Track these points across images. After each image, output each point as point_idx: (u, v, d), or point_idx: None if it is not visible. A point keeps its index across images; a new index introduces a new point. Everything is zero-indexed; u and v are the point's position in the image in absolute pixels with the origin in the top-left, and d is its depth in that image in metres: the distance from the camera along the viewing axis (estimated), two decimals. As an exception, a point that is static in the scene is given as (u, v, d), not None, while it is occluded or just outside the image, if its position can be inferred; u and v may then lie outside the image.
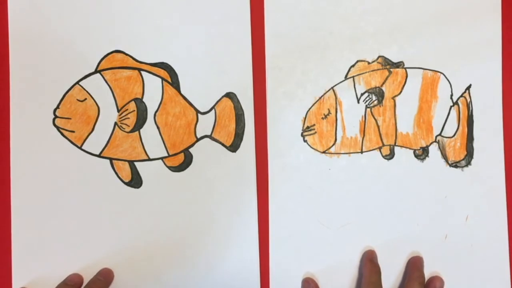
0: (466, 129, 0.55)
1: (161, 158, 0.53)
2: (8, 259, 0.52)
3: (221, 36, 0.54)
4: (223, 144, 0.54)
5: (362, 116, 0.55)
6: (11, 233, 0.52)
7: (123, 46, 0.53)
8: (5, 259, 0.52)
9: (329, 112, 0.55)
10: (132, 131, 0.53)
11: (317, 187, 0.54)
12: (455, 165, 0.55)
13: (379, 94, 0.55)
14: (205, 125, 0.54)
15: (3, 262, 0.52)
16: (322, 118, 0.55)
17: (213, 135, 0.54)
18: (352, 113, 0.55)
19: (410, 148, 0.55)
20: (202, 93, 0.54)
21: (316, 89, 0.55)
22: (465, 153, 0.55)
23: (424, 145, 0.55)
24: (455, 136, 0.55)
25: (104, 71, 0.53)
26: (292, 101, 0.54)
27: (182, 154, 0.54)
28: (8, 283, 0.52)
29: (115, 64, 0.53)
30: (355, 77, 0.55)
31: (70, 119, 0.52)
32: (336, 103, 0.55)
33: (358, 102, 0.55)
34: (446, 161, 0.55)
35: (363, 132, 0.55)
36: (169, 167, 0.53)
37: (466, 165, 0.55)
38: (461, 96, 0.55)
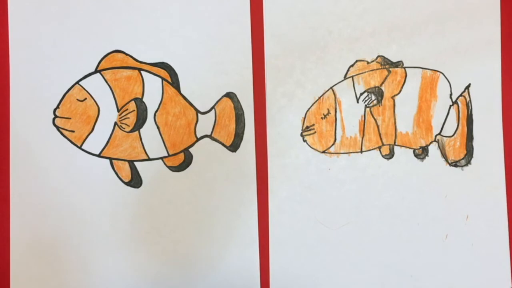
0: (465, 128, 0.55)
1: (161, 158, 0.53)
2: (6, 259, 0.52)
3: (221, 36, 0.54)
4: (223, 144, 0.54)
5: (362, 116, 0.55)
6: (10, 232, 0.52)
7: (123, 46, 0.53)
8: (4, 259, 0.52)
9: (329, 112, 0.55)
10: (132, 131, 0.53)
11: (317, 187, 0.54)
12: (455, 164, 0.55)
13: (378, 93, 0.55)
14: (205, 125, 0.54)
15: (2, 262, 0.52)
16: (322, 118, 0.55)
17: (213, 135, 0.54)
18: (351, 112, 0.55)
19: (410, 148, 0.55)
20: (202, 93, 0.54)
21: (315, 89, 0.55)
22: (465, 152, 0.55)
23: (424, 145, 0.55)
24: (455, 135, 0.55)
25: (104, 71, 0.53)
26: (291, 101, 0.54)
27: (182, 154, 0.54)
28: (6, 283, 0.52)
29: (115, 64, 0.53)
30: (354, 77, 0.55)
31: (70, 119, 0.52)
32: (335, 103, 0.55)
33: (358, 102, 0.55)
34: (446, 160, 0.55)
35: (362, 131, 0.55)
36: (169, 167, 0.53)
37: (466, 164, 0.55)
38: (461, 95, 0.55)
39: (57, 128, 0.53)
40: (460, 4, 0.55)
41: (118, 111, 0.53)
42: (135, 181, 0.53)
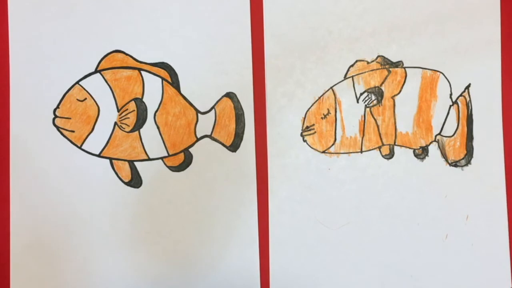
0: (465, 128, 0.55)
1: (161, 158, 0.53)
2: (6, 259, 0.52)
3: (221, 36, 0.54)
4: (223, 144, 0.54)
5: (362, 116, 0.55)
6: (10, 232, 0.52)
7: (123, 46, 0.53)
8: (4, 259, 0.52)
9: (329, 112, 0.55)
10: (132, 131, 0.53)
11: (317, 187, 0.54)
12: (455, 164, 0.55)
13: (378, 93, 0.55)
14: (205, 125, 0.54)
15: (2, 262, 0.52)
16: (322, 118, 0.55)
17: (213, 135, 0.54)
18: (351, 112, 0.55)
19: (410, 148, 0.55)
20: (202, 93, 0.54)
21: (315, 89, 0.55)
22: (465, 152, 0.55)
23: (424, 145, 0.55)
24: (455, 135, 0.55)
25: (104, 71, 0.53)
26: (291, 101, 0.54)
27: (182, 154, 0.54)
28: (6, 283, 0.52)
29: (115, 64, 0.53)
30: (354, 77, 0.55)
31: (70, 119, 0.52)
32: (335, 103, 0.55)
33: (358, 102, 0.55)
34: (446, 160, 0.55)
35: (362, 131, 0.55)
36: (169, 167, 0.53)
37: (466, 164, 0.55)
38: (461, 95, 0.55)
39: (57, 128, 0.53)
40: (460, 4, 0.55)
41: (118, 111, 0.53)
42: (135, 181, 0.53)
